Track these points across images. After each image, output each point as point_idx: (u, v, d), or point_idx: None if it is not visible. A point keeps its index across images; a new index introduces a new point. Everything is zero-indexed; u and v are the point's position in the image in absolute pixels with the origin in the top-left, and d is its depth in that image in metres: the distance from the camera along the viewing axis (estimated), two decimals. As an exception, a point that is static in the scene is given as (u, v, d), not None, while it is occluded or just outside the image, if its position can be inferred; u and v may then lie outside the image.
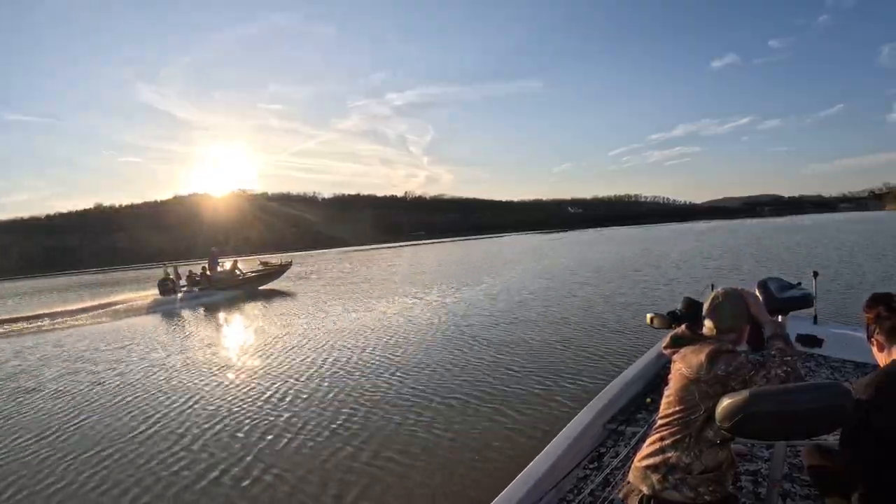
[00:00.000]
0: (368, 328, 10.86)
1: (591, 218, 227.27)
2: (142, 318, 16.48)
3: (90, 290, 32.75)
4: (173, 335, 12.66)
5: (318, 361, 8.30)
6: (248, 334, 11.90)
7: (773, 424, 1.36)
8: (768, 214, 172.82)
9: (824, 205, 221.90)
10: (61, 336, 13.74)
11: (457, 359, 7.68)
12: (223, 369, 8.36)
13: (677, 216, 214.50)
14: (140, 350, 10.61)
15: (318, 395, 6.46)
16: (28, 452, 5.39)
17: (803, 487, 2.19)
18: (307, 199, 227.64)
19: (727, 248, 25.94)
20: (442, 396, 6.02)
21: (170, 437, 5.51)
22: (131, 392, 7.41)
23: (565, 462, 2.39)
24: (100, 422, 6.20)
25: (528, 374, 6.56)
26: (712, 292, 1.77)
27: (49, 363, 10.00)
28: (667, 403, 1.67)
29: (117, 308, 18.70)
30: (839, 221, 57.40)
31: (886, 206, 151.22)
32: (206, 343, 11.04)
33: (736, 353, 1.57)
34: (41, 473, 4.83)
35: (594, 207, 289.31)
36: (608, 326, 9.04)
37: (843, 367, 3.54)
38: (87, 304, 20.66)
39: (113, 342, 11.96)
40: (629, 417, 2.97)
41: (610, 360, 6.85)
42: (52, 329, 15.27)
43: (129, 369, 8.83)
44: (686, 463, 1.55)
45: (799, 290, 3.06)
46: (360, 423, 5.40)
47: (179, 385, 7.60)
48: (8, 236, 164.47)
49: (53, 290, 40.17)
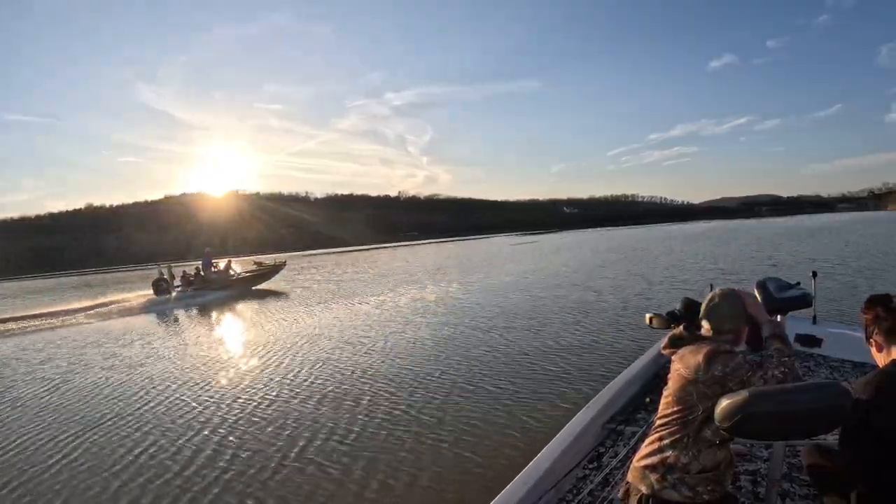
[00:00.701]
0: (354, 328, 10.89)
1: (589, 218, 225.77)
2: (135, 317, 16.65)
3: (76, 293, 32.13)
4: (165, 334, 12.82)
5: (302, 360, 8.39)
6: (238, 333, 12.09)
7: (773, 424, 1.36)
8: (767, 214, 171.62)
9: (823, 205, 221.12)
10: (51, 336, 13.80)
11: (452, 359, 7.68)
12: (210, 365, 8.41)
13: (676, 216, 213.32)
14: (128, 348, 10.66)
15: (306, 392, 6.46)
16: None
17: (802, 487, 2.19)
18: (305, 200, 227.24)
19: (726, 256, 21.79)
20: (439, 397, 6.02)
21: (144, 430, 5.54)
22: (113, 387, 7.57)
23: (564, 462, 2.39)
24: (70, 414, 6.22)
25: (527, 374, 6.56)
26: (710, 292, 1.77)
27: (33, 362, 10.05)
28: (665, 403, 1.67)
29: (111, 308, 18.93)
30: (845, 223, 50.72)
31: (888, 206, 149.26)
32: (196, 341, 11.17)
33: (734, 354, 1.57)
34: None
35: (591, 207, 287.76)
36: (607, 328, 9.05)
37: (842, 366, 3.55)
38: (82, 304, 20.83)
39: (106, 340, 12.10)
40: (628, 417, 2.97)
41: (609, 361, 6.85)
42: (37, 330, 15.40)
43: (118, 364, 8.90)
44: (684, 463, 1.55)
45: (798, 289, 3.07)
46: (354, 422, 5.38)
47: (163, 380, 7.81)
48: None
49: (40, 291, 39.34)
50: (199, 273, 21.03)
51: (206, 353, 9.86)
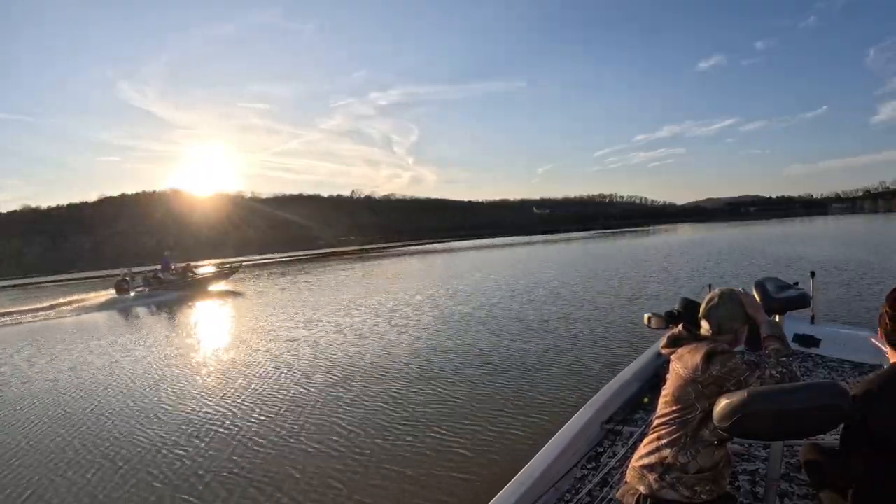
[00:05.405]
0: (323, 325, 10.90)
1: (558, 219, 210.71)
2: (94, 314, 18.63)
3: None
4: (121, 328, 14.59)
5: (250, 354, 9.11)
6: (191, 328, 13.47)
7: (771, 424, 1.36)
8: (754, 216, 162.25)
9: (815, 205, 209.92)
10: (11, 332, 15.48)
11: (446, 361, 7.68)
12: (157, 352, 9.69)
13: (655, 217, 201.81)
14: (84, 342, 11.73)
15: (269, 389, 6.49)
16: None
17: (801, 487, 2.20)
18: (284, 199, 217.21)
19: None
20: (435, 397, 6.02)
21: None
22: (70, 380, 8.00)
23: (563, 462, 2.39)
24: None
25: (525, 375, 6.56)
26: (709, 293, 1.78)
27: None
28: (664, 403, 1.67)
29: (73, 306, 21.13)
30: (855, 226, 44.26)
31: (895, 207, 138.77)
32: (150, 334, 12.58)
33: (732, 354, 1.57)
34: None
35: (564, 206, 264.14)
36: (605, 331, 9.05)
37: (840, 366, 3.56)
38: (43, 304, 23.04)
39: (68, 336, 13.48)
40: (627, 417, 2.97)
41: (607, 361, 6.85)
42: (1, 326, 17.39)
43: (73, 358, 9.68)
44: (682, 462, 1.55)
45: (796, 290, 3.08)
46: (346, 422, 5.38)
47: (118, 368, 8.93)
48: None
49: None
50: (156, 275, 23.15)
51: (156, 342, 10.98)
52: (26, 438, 5.82)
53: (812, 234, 35.86)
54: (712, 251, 24.76)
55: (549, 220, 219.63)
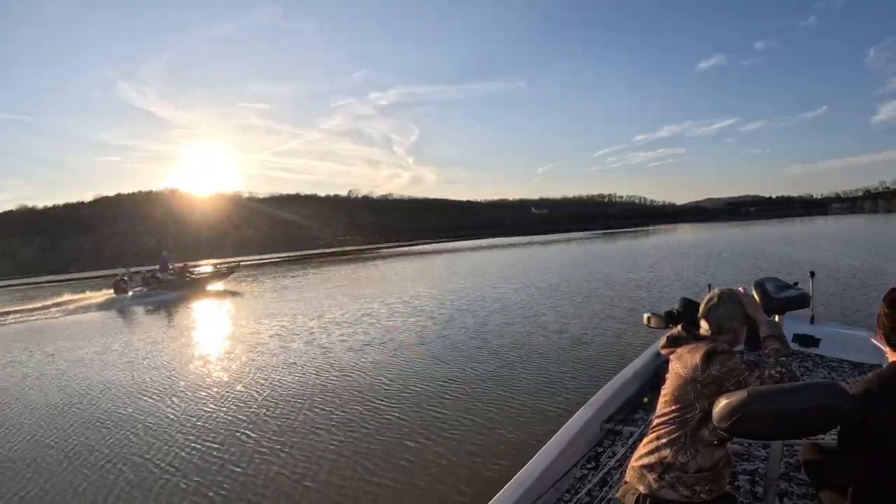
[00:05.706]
0: (329, 323, 10.89)
1: (557, 219, 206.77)
2: (93, 314, 18.91)
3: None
4: (118, 326, 15.00)
5: (240, 352, 9.22)
6: (188, 327, 13.73)
7: (770, 424, 1.36)
8: (754, 216, 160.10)
9: (815, 205, 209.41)
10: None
11: (447, 361, 7.68)
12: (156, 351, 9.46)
13: (655, 218, 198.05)
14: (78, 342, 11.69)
15: (266, 388, 6.48)
16: None
17: (800, 487, 2.20)
18: (283, 199, 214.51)
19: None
20: (435, 398, 6.01)
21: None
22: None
23: (562, 462, 2.39)
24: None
25: (525, 375, 6.56)
26: (709, 293, 1.78)
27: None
28: (663, 403, 1.67)
29: (71, 305, 21.31)
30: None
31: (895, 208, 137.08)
32: (147, 334, 12.75)
33: (731, 354, 1.57)
34: None
35: (563, 207, 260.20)
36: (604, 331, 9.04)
37: (840, 366, 3.55)
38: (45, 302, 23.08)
39: (65, 335, 13.70)
40: (626, 417, 2.97)
41: (607, 361, 6.85)
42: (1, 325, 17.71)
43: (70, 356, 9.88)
44: (682, 462, 1.55)
45: (796, 290, 3.08)
46: (345, 422, 5.38)
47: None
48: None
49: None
50: (155, 275, 23.30)
51: (150, 340, 11.14)
52: (20, 437, 5.86)
53: (812, 234, 35.88)
54: (712, 251, 24.79)
55: (549, 220, 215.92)
